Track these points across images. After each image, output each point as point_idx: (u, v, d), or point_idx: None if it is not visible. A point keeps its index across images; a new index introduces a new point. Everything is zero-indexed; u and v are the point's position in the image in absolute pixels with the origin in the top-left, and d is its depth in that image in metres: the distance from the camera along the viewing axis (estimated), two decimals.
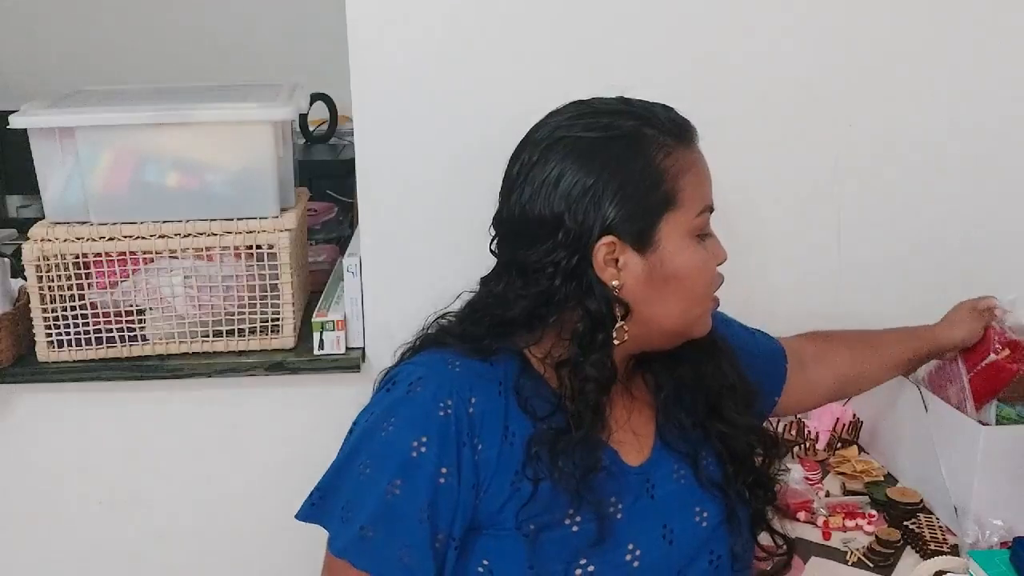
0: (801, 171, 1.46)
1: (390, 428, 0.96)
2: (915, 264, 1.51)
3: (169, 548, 1.54)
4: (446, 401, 0.95)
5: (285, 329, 1.45)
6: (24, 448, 1.48)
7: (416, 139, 1.38)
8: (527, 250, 0.97)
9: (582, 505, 0.94)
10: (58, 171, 1.38)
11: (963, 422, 1.24)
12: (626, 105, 1.01)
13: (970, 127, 1.47)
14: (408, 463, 0.94)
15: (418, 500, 0.94)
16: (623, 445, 1.01)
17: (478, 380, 0.98)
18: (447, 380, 0.97)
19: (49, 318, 1.39)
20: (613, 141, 0.97)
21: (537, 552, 0.93)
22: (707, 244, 1.00)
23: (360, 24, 1.34)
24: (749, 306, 1.45)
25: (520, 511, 0.94)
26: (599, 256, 0.96)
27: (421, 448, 0.94)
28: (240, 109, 1.39)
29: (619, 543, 0.95)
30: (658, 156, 0.97)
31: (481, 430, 0.96)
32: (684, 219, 0.97)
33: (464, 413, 0.96)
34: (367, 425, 0.99)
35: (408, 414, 0.96)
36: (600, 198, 0.95)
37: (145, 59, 2.63)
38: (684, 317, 1.00)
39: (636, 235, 0.96)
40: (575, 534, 0.94)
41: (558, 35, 1.37)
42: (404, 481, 0.94)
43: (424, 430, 0.95)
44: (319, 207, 1.88)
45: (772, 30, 1.40)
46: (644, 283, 0.97)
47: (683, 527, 0.99)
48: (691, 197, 0.98)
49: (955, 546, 1.22)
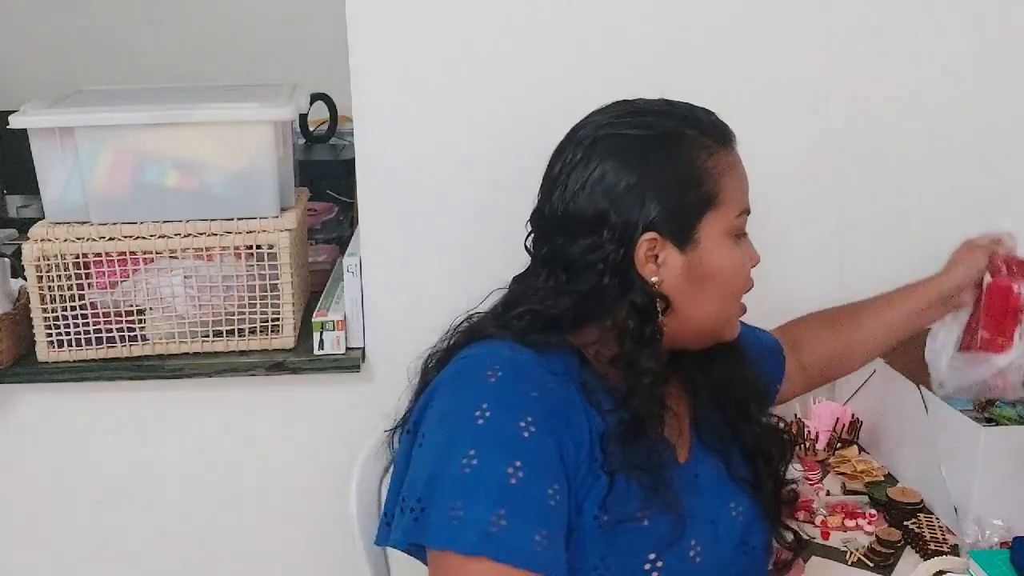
0: (801, 171, 1.46)
1: (488, 415, 0.91)
2: (915, 264, 1.51)
3: (169, 548, 1.54)
4: (529, 384, 0.93)
5: (285, 329, 1.45)
6: (24, 448, 1.48)
7: (416, 139, 1.39)
8: (570, 247, 0.98)
9: (655, 500, 0.94)
10: (58, 171, 1.38)
11: (963, 422, 1.24)
12: (669, 106, 1.03)
13: (971, 127, 1.47)
14: (522, 443, 0.89)
15: (543, 480, 0.89)
16: (673, 442, 1.03)
17: (547, 367, 0.96)
18: (520, 365, 0.95)
19: (49, 318, 1.39)
20: (656, 140, 0.99)
21: (610, 545, 0.93)
22: (743, 245, 1.03)
23: (360, 24, 1.34)
24: (748, 306, 1.45)
25: (598, 503, 0.93)
26: (640, 252, 0.97)
27: (531, 427, 0.90)
28: (240, 109, 1.39)
29: (684, 538, 0.96)
30: (700, 156, 0.99)
31: (567, 414, 0.94)
32: (724, 219, 1.00)
33: (552, 396, 0.94)
34: (452, 422, 0.93)
35: (500, 398, 0.92)
36: (643, 195, 0.97)
37: (145, 59, 2.63)
38: (718, 316, 1.03)
39: (677, 232, 0.98)
40: (646, 528, 0.94)
41: (558, 35, 1.37)
42: (525, 463, 0.88)
43: (526, 411, 0.91)
44: (319, 207, 1.87)
45: (772, 30, 1.40)
46: (683, 280, 0.99)
47: (724, 520, 1.02)
48: (731, 198, 1.00)
49: (955, 546, 1.22)
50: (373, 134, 1.39)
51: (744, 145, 1.02)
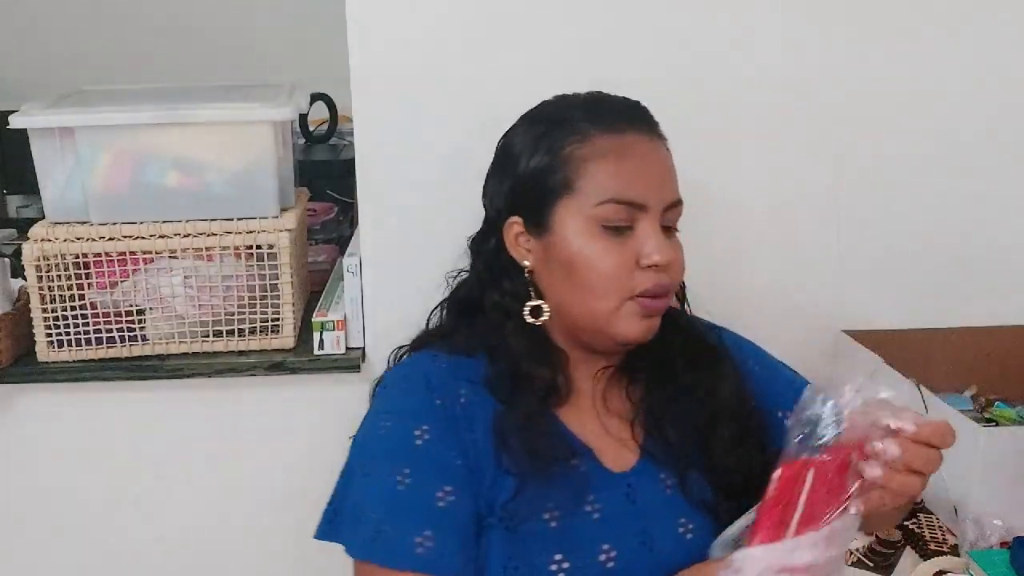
0: (801, 171, 1.45)
1: (388, 424, 0.98)
2: (915, 264, 1.51)
3: (169, 548, 1.54)
4: (438, 397, 0.99)
5: (285, 329, 1.45)
6: (24, 448, 1.48)
7: (416, 139, 1.38)
8: (474, 238, 1.09)
9: (559, 500, 0.96)
10: (58, 171, 1.38)
11: (963, 422, 1.24)
12: (575, 95, 1.04)
13: (971, 127, 1.47)
14: (414, 451, 0.95)
15: (432, 483, 0.94)
16: (604, 451, 1.01)
17: (463, 374, 1.01)
18: (435, 375, 1.01)
19: (49, 318, 1.39)
20: (531, 127, 1.03)
21: (516, 545, 0.94)
22: (620, 239, 0.97)
23: (360, 24, 1.34)
24: (749, 306, 1.45)
25: (503, 504, 0.96)
26: (509, 235, 1.02)
27: (425, 435, 0.96)
28: (240, 109, 1.39)
29: (594, 542, 0.96)
30: (569, 143, 0.99)
31: (472, 420, 0.99)
32: (580, 206, 0.98)
33: (456, 403, 0.99)
34: (364, 431, 1.02)
35: (403, 408, 0.99)
36: (505, 180, 1.03)
37: (145, 59, 2.63)
38: (592, 309, 0.99)
39: (534, 218, 1.00)
40: (552, 530, 0.95)
41: (558, 35, 1.37)
42: (413, 469, 0.94)
43: (424, 420, 0.97)
44: (319, 207, 1.87)
45: (773, 30, 1.40)
46: (545, 266, 1.01)
47: (665, 535, 0.98)
48: (592, 185, 0.97)
49: (955, 546, 1.22)
50: (373, 134, 1.39)
51: (743, 145, 1.02)
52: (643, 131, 1.00)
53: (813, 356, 1.50)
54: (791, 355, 1.46)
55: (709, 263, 1.44)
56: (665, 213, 0.99)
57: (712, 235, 1.44)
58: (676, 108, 1.07)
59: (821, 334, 1.50)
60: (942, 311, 1.51)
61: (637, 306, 0.98)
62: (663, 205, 0.98)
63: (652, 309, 0.99)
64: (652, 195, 0.97)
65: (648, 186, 0.98)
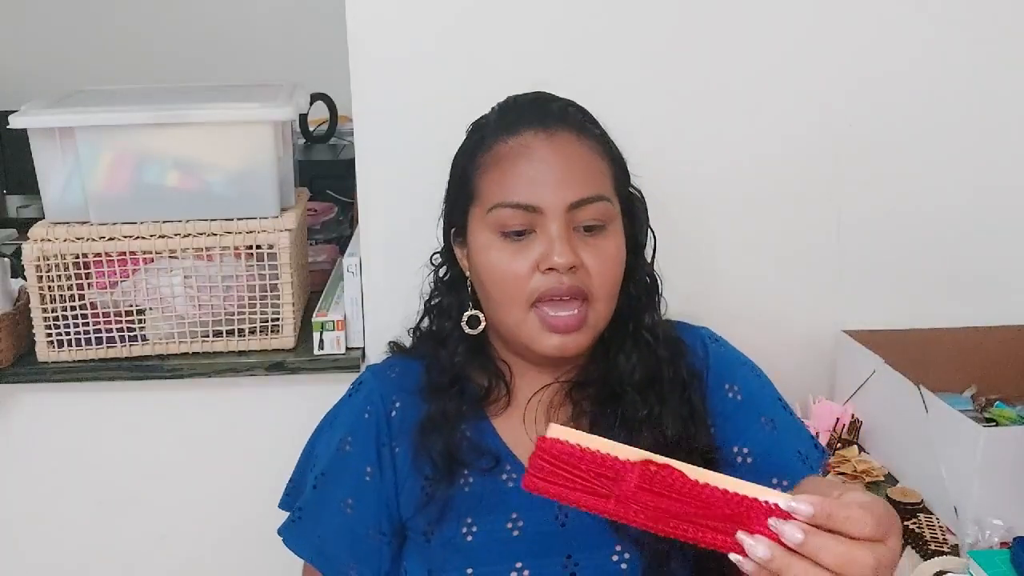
0: (801, 171, 1.45)
1: (327, 427, 1.10)
2: (915, 264, 1.51)
3: (169, 548, 1.54)
4: (370, 406, 1.04)
5: (285, 329, 1.45)
6: (24, 448, 1.48)
7: (416, 139, 1.38)
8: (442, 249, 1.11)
9: (478, 513, 0.97)
10: (58, 171, 1.38)
11: (963, 422, 1.24)
12: (507, 99, 1.05)
13: (971, 127, 1.47)
14: (336, 458, 1.04)
15: (340, 492, 1.02)
16: None
17: (407, 384, 1.05)
18: (377, 386, 1.06)
19: (49, 318, 1.39)
20: (467, 137, 1.05)
21: (433, 557, 0.97)
22: (520, 244, 0.93)
23: (360, 24, 1.34)
24: (749, 307, 1.45)
25: (419, 510, 0.99)
26: (455, 246, 1.04)
27: (347, 447, 1.03)
28: (240, 109, 1.39)
29: (509, 559, 0.95)
30: (478, 150, 1.00)
31: (399, 434, 1.03)
32: (481, 215, 0.97)
33: (384, 417, 1.03)
34: (313, 437, 1.13)
35: (340, 416, 1.08)
36: (446, 193, 1.05)
37: (145, 59, 2.63)
38: (499, 319, 0.98)
39: (460, 228, 1.02)
40: (467, 543, 0.96)
41: (558, 37, 1.37)
42: (330, 475, 1.03)
43: (351, 430, 1.04)
44: (319, 207, 1.87)
45: (772, 31, 1.40)
46: (474, 276, 1.01)
47: (592, 562, 0.96)
48: (488, 191, 0.96)
49: (955, 546, 1.22)
50: (373, 134, 1.39)
51: (743, 145, 1.02)
52: (541, 130, 0.95)
53: (813, 356, 1.51)
54: (791, 355, 1.47)
55: (709, 263, 1.45)
56: (573, 213, 0.93)
57: (712, 235, 1.45)
58: (675, 108, 1.07)
59: (821, 334, 1.50)
60: (942, 311, 1.51)
61: (538, 319, 0.93)
62: (563, 205, 0.92)
63: (556, 325, 0.92)
64: (546, 196, 0.92)
65: (541, 186, 0.92)
